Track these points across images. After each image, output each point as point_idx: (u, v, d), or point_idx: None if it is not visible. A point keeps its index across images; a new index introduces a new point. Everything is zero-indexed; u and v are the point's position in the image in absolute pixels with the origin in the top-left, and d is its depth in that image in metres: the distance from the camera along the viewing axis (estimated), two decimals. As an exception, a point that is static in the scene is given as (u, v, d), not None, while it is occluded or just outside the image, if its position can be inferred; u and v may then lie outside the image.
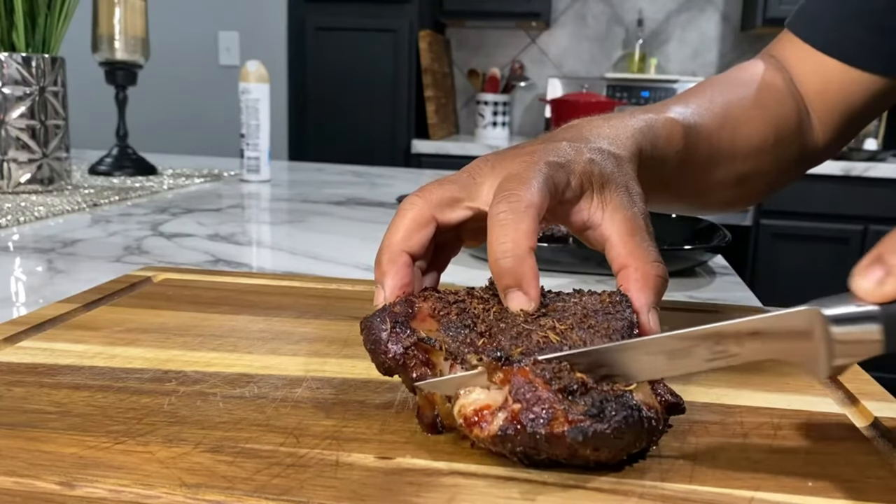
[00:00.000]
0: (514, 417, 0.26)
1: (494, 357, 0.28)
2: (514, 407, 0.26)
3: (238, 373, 0.37)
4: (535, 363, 0.28)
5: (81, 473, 0.26)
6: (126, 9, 1.19)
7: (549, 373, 0.27)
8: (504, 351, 0.28)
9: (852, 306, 0.25)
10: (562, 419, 0.26)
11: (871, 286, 0.25)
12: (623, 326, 0.31)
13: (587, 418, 0.26)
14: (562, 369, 0.27)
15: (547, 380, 0.27)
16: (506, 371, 0.28)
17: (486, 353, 0.28)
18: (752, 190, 0.58)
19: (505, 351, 0.28)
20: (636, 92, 2.87)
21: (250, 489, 0.26)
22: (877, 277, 0.25)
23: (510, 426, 0.26)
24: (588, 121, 0.42)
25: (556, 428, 0.26)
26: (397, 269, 0.35)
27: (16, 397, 0.33)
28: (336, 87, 2.63)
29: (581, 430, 0.25)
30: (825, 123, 0.59)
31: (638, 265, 0.34)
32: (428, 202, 0.36)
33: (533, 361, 0.28)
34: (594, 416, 0.26)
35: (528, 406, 0.26)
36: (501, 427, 0.26)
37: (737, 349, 0.27)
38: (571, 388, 0.26)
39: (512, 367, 0.28)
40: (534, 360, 0.28)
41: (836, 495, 0.27)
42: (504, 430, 0.26)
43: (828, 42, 0.57)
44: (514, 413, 0.26)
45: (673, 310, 0.52)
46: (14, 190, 0.97)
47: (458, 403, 0.28)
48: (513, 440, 0.26)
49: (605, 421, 0.26)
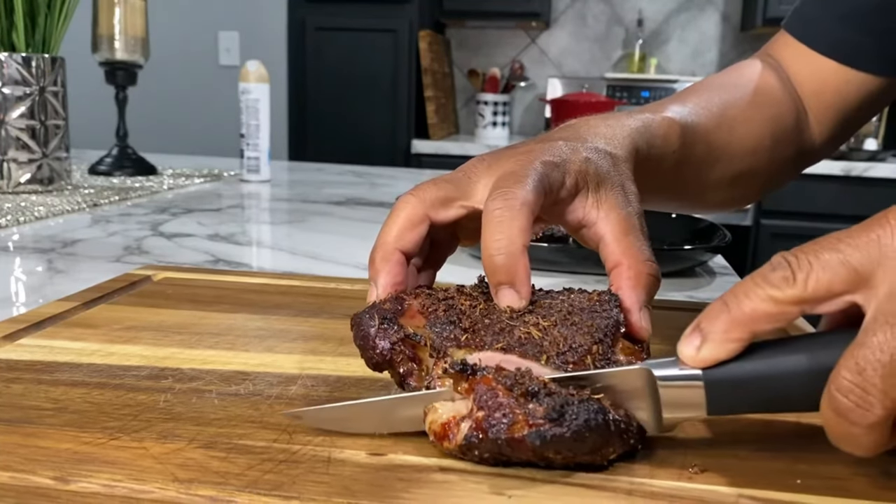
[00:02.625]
0: (477, 425, 0.27)
1: (459, 369, 0.28)
2: (478, 415, 0.27)
3: (234, 370, 0.37)
4: (498, 371, 0.28)
5: (76, 468, 0.27)
6: (126, 9, 1.20)
7: (510, 379, 0.27)
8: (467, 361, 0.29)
9: (677, 369, 0.28)
10: (522, 423, 0.26)
11: (692, 352, 0.27)
12: (608, 325, 0.31)
13: (546, 422, 0.26)
14: (524, 375, 0.28)
15: (508, 386, 0.27)
16: (470, 381, 0.28)
17: (453, 364, 0.29)
18: (750, 189, 0.58)
19: (488, 345, 0.29)
20: (636, 92, 2.87)
21: (242, 484, 0.26)
22: (695, 345, 0.27)
23: (474, 434, 0.27)
24: (585, 121, 0.43)
25: (517, 432, 0.26)
26: (390, 267, 0.35)
27: (13, 394, 0.33)
28: (336, 87, 2.64)
29: (539, 433, 0.26)
30: (822, 123, 0.59)
31: (631, 263, 0.34)
32: (422, 201, 0.36)
33: (496, 369, 0.28)
34: (553, 420, 0.26)
35: (490, 412, 0.27)
36: (466, 435, 0.27)
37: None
38: (533, 391, 0.27)
39: (475, 376, 0.28)
40: (496, 368, 0.28)
41: (824, 493, 0.27)
42: (468, 438, 0.27)
43: (823, 42, 0.57)
44: (478, 420, 0.27)
45: (669, 309, 0.52)
46: (14, 190, 0.98)
47: (428, 420, 0.28)
48: (478, 447, 0.27)
49: (565, 424, 0.26)
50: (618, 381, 0.29)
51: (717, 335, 0.27)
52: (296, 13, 2.63)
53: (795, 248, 0.27)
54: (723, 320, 0.27)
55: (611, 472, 0.28)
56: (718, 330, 0.27)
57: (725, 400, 0.27)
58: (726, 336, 0.27)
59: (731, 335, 0.27)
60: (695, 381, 0.27)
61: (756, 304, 0.26)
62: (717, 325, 0.27)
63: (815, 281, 0.26)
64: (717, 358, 0.27)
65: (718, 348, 0.27)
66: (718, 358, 0.27)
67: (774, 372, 0.27)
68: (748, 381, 0.27)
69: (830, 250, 0.26)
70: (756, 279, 0.27)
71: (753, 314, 0.26)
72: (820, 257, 0.26)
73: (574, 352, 0.29)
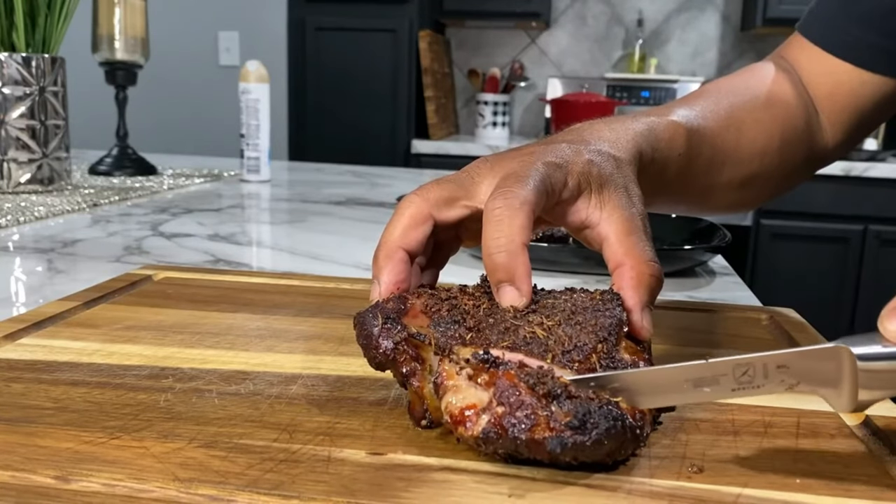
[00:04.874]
0: (497, 421, 0.27)
1: (481, 359, 0.28)
2: (498, 410, 0.27)
3: (234, 370, 0.37)
4: (521, 367, 0.28)
5: (76, 468, 0.27)
6: (126, 9, 1.20)
7: (532, 378, 0.27)
8: (490, 352, 0.29)
9: (879, 346, 0.26)
10: (543, 426, 0.26)
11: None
12: (611, 324, 0.31)
13: (568, 429, 0.26)
14: (546, 374, 0.28)
15: (531, 385, 0.27)
16: (491, 373, 0.28)
17: (474, 354, 0.29)
18: (760, 191, 0.58)
19: (493, 344, 0.29)
20: (636, 92, 2.87)
21: (242, 483, 0.26)
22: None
23: (493, 429, 0.27)
24: (589, 124, 0.43)
25: (538, 434, 0.26)
26: (393, 266, 0.35)
27: (14, 393, 0.33)
28: (336, 87, 2.64)
29: (561, 440, 0.26)
30: (834, 125, 0.59)
31: (633, 264, 0.35)
32: (426, 200, 0.36)
33: (518, 365, 0.28)
34: (575, 428, 0.26)
35: (511, 410, 0.27)
36: (485, 429, 0.27)
37: (762, 381, 0.28)
38: (555, 392, 0.27)
39: (497, 369, 0.28)
40: (519, 364, 0.28)
41: (824, 492, 0.27)
42: (486, 433, 0.27)
43: (838, 44, 0.57)
44: (498, 416, 0.27)
45: (669, 309, 0.52)
46: (14, 190, 0.98)
47: (446, 400, 0.28)
48: (495, 443, 0.27)
49: (587, 433, 0.26)
50: (810, 359, 0.27)
51: None
52: (296, 13, 2.63)
53: None
54: None
55: (611, 472, 0.28)
56: None
57: None
58: None
59: None
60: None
61: None
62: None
63: None
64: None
65: None
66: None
67: None
68: None
69: None
70: None
71: None
72: None
73: (579, 350, 0.29)
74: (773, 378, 0.28)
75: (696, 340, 0.46)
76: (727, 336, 0.47)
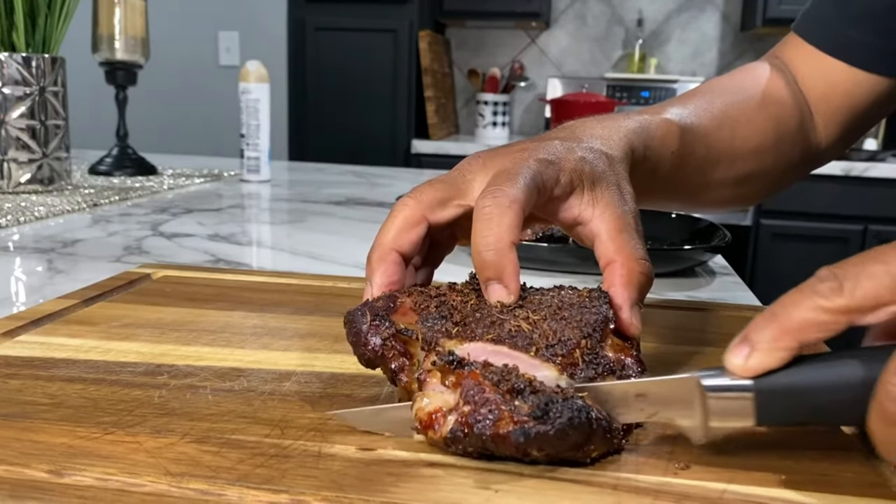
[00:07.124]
0: (464, 420, 0.27)
1: (447, 360, 0.29)
2: (465, 409, 0.27)
3: (229, 367, 0.38)
4: (485, 366, 0.28)
5: (70, 462, 0.27)
6: (126, 9, 1.20)
7: (497, 375, 0.28)
8: (455, 352, 0.29)
9: (727, 379, 0.28)
10: (507, 420, 0.27)
11: (740, 362, 0.27)
12: (597, 321, 0.31)
13: (531, 419, 0.26)
14: (510, 371, 0.28)
15: (495, 382, 0.28)
16: (458, 374, 0.28)
17: (440, 356, 0.29)
18: (755, 189, 0.58)
19: (478, 337, 0.29)
20: (636, 92, 2.88)
21: (233, 478, 0.26)
22: (744, 354, 0.27)
23: (460, 428, 0.27)
24: (582, 122, 0.43)
25: (502, 429, 0.26)
26: (385, 267, 0.36)
27: (10, 389, 0.34)
28: (336, 87, 2.64)
29: (524, 430, 0.26)
30: (829, 125, 0.59)
31: (624, 261, 0.35)
32: (419, 202, 0.36)
33: (483, 364, 0.28)
34: (538, 418, 0.26)
35: (476, 408, 0.27)
36: (452, 429, 0.27)
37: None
38: (518, 388, 0.27)
39: (463, 370, 0.28)
40: (483, 363, 0.29)
41: (809, 488, 0.27)
42: (454, 432, 0.27)
43: (833, 44, 0.57)
44: (464, 415, 0.27)
45: (670, 308, 0.53)
46: (14, 190, 0.98)
47: (415, 406, 0.29)
48: (462, 441, 0.27)
49: (549, 422, 0.26)
50: (664, 389, 0.29)
51: (766, 344, 0.27)
52: (296, 13, 2.64)
53: (840, 262, 0.27)
54: (771, 329, 0.27)
55: (597, 468, 0.28)
56: (767, 339, 0.27)
57: (774, 409, 0.27)
58: (775, 345, 0.27)
59: (779, 344, 0.27)
60: (744, 392, 0.27)
61: (804, 313, 0.26)
62: (765, 334, 0.27)
63: (863, 290, 0.25)
64: (766, 367, 0.27)
65: (767, 357, 0.27)
66: (767, 367, 0.27)
67: (824, 381, 0.27)
68: (797, 391, 0.27)
69: (876, 262, 0.26)
70: (803, 290, 0.27)
71: (802, 323, 0.26)
72: (866, 268, 0.26)
73: (563, 345, 0.30)
74: (633, 406, 0.29)
75: (690, 339, 0.46)
76: (721, 335, 0.47)
